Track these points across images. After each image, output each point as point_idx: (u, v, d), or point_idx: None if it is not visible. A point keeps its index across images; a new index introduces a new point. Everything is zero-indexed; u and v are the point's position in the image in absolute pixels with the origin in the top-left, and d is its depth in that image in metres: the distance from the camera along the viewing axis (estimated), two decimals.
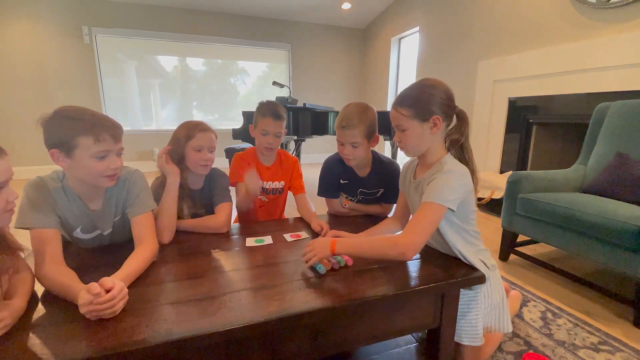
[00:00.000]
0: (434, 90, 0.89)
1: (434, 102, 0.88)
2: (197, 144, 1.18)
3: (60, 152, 0.83)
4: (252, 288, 0.79)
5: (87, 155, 0.83)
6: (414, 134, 0.91)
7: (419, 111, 0.89)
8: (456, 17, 3.56)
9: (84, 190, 0.92)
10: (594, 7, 2.27)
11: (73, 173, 0.88)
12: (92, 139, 0.82)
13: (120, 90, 4.77)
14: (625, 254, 1.26)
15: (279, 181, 1.50)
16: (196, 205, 1.29)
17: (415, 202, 1.00)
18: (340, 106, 5.19)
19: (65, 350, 0.57)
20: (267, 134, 1.38)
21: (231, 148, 4.14)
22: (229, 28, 4.98)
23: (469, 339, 0.95)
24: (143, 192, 1.01)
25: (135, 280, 0.81)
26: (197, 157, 1.19)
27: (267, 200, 1.52)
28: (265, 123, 1.37)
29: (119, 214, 1.01)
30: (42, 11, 4.13)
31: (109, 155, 0.87)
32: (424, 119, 0.89)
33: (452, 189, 0.84)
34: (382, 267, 0.90)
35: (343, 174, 1.38)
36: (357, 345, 0.88)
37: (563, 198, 1.54)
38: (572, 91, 2.42)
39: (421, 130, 0.90)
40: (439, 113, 0.89)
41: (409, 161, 1.11)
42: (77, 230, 0.96)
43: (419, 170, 1.01)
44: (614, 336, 1.21)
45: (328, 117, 3.63)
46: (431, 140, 0.92)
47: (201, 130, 1.19)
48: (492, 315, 1.00)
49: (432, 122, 0.89)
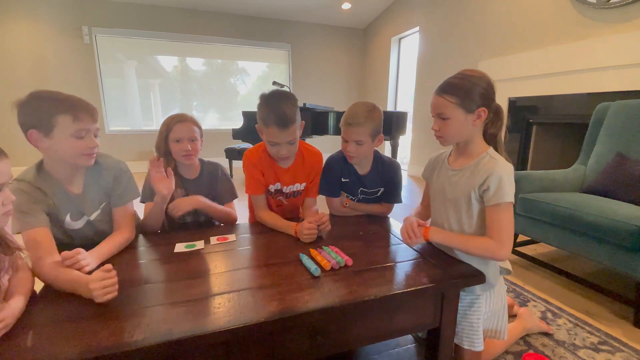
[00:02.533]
0: (480, 82, 0.88)
1: (480, 94, 0.87)
2: (175, 135, 1.21)
3: (39, 133, 0.84)
4: (252, 288, 0.79)
5: (67, 134, 0.86)
6: (457, 123, 0.90)
7: (465, 101, 0.88)
8: (456, 17, 3.56)
9: (63, 174, 0.94)
10: (594, 7, 2.27)
11: (52, 154, 0.90)
12: (71, 117, 0.85)
13: (120, 90, 4.77)
14: (625, 254, 1.26)
15: (300, 183, 1.34)
16: (190, 195, 1.29)
17: (446, 190, 0.98)
18: (340, 106, 5.21)
19: (65, 350, 0.57)
20: (276, 145, 1.17)
21: (231, 148, 4.14)
22: (229, 28, 4.98)
23: (469, 343, 0.95)
24: (129, 184, 1.08)
25: (136, 280, 0.82)
26: (177, 148, 1.21)
27: (286, 203, 1.40)
28: (271, 133, 1.14)
29: (104, 200, 1.05)
30: (42, 11, 4.13)
31: (88, 135, 0.90)
32: (469, 110, 0.88)
33: (512, 184, 0.86)
34: (382, 267, 0.90)
35: (344, 172, 1.38)
36: (357, 345, 0.88)
37: (563, 198, 1.54)
38: (572, 91, 2.42)
39: (465, 120, 0.89)
40: (484, 105, 0.88)
41: (436, 153, 1.10)
42: (67, 219, 0.98)
43: (456, 160, 0.99)
44: (614, 336, 1.21)
45: (328, 117, 3.63)
46: (472, 131, 0.92)
47: (178, 121, 1.22)
48: (491, 321, 1.01)
49: (476, 114, 0.88)
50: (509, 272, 1.01)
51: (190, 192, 1.29)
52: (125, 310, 0.69)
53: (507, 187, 0.84)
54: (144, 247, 1.05)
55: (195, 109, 5.21)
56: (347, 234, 1.16)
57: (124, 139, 4.71)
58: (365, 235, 1.15)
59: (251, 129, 3.63)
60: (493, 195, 0.85)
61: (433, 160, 1.10)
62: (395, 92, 5.12)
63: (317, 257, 0.93)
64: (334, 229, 1.15)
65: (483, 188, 0.88)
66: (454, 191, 0.96)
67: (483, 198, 0.89)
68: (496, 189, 0.85)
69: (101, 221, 1.06)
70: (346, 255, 0.94)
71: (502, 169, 0.86)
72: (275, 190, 1.36)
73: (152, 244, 1.08)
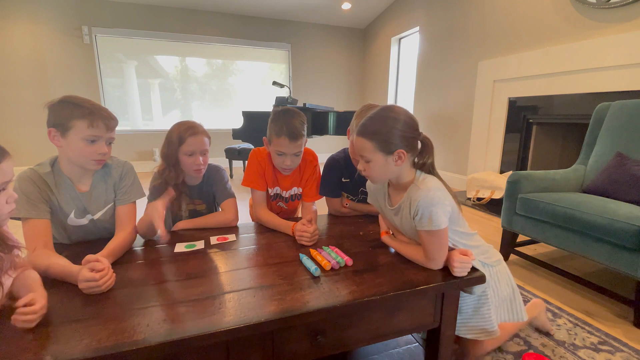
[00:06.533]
0: (396, 123, 0.87)
1: (396, 135, 0.87)
2: (188, 149, 1.17)
3: (56, 132, 0.93)
4: (252, 288, 0.79)
5: (79, 138, 0.93)
6: (378, 165, 0.89)
7: (383, 145, 0.87)
8: (456, 17, 3.56)
9: (74, 172, 1.01)
10: (594, 7, 2.27)
11: (65, 153, 0.97)
12: (87, 123, 0.93)
13: (120, 90, 4.77)
14: (625, 254, 1.26)
15: (297, 187, 1.39)
16: (194, 202, 1.30)
17: (396, 224, 1.00)
18: (340, 106, 5.21)
19: (65, 350, 0.57)
20: (283, 155, 1.22)
21: (231, 148, 4.14)
22: (229, 28, 4.98)
23: (486, 334, 0.96)
24: (134, 183, 1.11)
25: (136, 280, 0.82)
26: (189, 161, 1.19)
27: (286, 208, 1.44)
28: (281, 144, 1.19)
29: (110, 201, 1.08)
30: (42, 11, 4.13)
31: (99, 141, 0.97)
32: (388, 152, 0.87)
33: (441, 209, 0.85)
34: (382, 267, 0.90)
35: (345, 172, 1.38)
36: (357, 345, 0.87)
37: (563, 198, 1.54)
38: (572, 91, 2.42)
39: (385, 163, 0.89)
40: (402, 146, 0.87)
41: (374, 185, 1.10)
42: (70, 216, 1.02)
43: (392, 195, 1.00)
44: (614, 336, 1.21)
45: (328, 117, 3.63)
46: (398, 170, 0.91)
47: (192, 134, 1.18)
48: (502, 308, 1.01)
49: (396, 155, 0.87)
50: (498, 262, 1.03)
51: (193, 198, 1.29)
52: (125, 310, 0.69)
53: (436, 216, 0.84)
54: (144, 247, 1.05)
55: (195, 109, 5.21)
56: (347, 234, 1.16)
57: (124, 139, 4.71)
58: (365, 235, 1.15)
59: (251, 129, 3.64)
60: (425, 223, 0.86)
61: (374, 191, 1.08)
62: (395, 92, 5.12)
63: (317, 257, 0.93)
64: (334, 229, 1.15)
65: (413, 215, 0.88)
66: (401, 227, 0.99)
67: (415, 222, 0.89)
68: (426, 220, 0.85)
69: (103, 221, 1.08)
70: (346, 255, 0.94)
71: (426, 196, 0.85)
72: (275, 195, 1.37)
73: (152, 244, 1.08)
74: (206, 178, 1.31)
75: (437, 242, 0.87)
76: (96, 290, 0.75)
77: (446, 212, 0.86)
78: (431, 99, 4.06)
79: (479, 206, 2.87)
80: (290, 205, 1.43)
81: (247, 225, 1.29)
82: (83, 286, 0.75)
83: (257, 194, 1.31)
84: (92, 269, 0.76)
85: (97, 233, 1.09)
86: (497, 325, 0.96)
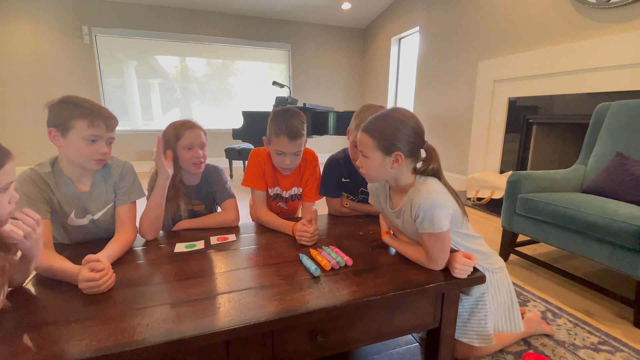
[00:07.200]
0: (403, 127, 0.87)
1: (400, 138, 0.87)
2: (187, 142, 1.18)
3: (57, 131, 0.93)
4: (252, 288, 0.79)
5: (79, 137, 0.93)
6: (375, 163, 0.90)
7: (384, 144, 0.87)
8: (456, 17, 3.56)
9: (74, 172, 1.01)
10: (594, 7, 2.27)
11: (65, 153, 0.97)
12: (87, 123, 0.93)
13: (120, 90, 4.77)
14: (625, 254, 1.26)
15: (297, 187, 1.39)
16: (192, 202, 1.30)
17: (398, 226, 1.00)
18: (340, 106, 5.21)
19: (65, 350, 0.57)
20: (282, 154, 1.22)
21: (231, 148, 4.14)
22: (229, 28, 4.98)
23: (480, 340, 0.96)
24: (134, 183, 1.11)
25: (136, 280, 0.82)
26: (189, 155, 1.19)
27: (286, 208, 1.45)
28: (280, 143, 1.20)
29: (110, 201, 1.08)
30: (42, 11, 4.13)
31: (99, 141, 0.97)
32: (387, 152, 0.87)
33: (443, 211, 0.85)
34: (382, 267, 0.90)
35: (345, 172, 1.38)
36: (357, 345, 0.88)
37: (563, 198, 1.54)
38: (572, 91, 2.42)
39: (383, 162, 0.89)
40: (402, 150, 0.87)
41: (375, 185, 1.09)
42: (71, 215, 1.02)
43: (394, 197, 1.00)
44: (614, 336, 1.21)
45: (328, 117, 3.63)
46: (394, 173, 0.91)
47: (188, 128, 1.20)
48: (499, 315, 1.01)
49: (394, 157, 0.87)
50: (501, 269, 1.02)
51: (192, 198, 1.29)
52: (125, 310, 0.69)
53: (437, 219, 0.84)
54: (144, 247, 1.05)
55: (195, 109, 5.21)
56: (347, 234, 1.16)
57: (124, 139, 4.70)
58: (366, 235, 1.15)
59: (251, 129, 3.64)
60: (427, 226, 0.86)
61: (375, 192, 1.08)
62: (395, 92, 5.12)
63: (317, 257, 0.93)
64: (334, 229, 1.15)
65: (415, 217, 0.88)
66: (404, 230, 0.98)
67: (416, 224, 0.89)
68: (430, 222, 0.85)
69: (104, 221, 1.09)
70: (346, 255, 0.94)
71: (426, 199, 0.85)
72: (275, 195, 1.37)
73: (152, 244, 1.08)
74: (205, 178, 1.31)
75: (439, 244, 0.87)
76: (96, 290, 0.75)
77: (448, 214, 0.86)
78: (431, 99, 4.06)
79: (479, 206, 2.87)
80: (290, 205, 1.43)
81: (247, 225, 1.29)
82: (83, 286, 0.75)
83: (257, 194, 1.31)
84: (92, 269, 0.77)
85: (97, 233, 1.09)
86: (492, 331, 0.96)
